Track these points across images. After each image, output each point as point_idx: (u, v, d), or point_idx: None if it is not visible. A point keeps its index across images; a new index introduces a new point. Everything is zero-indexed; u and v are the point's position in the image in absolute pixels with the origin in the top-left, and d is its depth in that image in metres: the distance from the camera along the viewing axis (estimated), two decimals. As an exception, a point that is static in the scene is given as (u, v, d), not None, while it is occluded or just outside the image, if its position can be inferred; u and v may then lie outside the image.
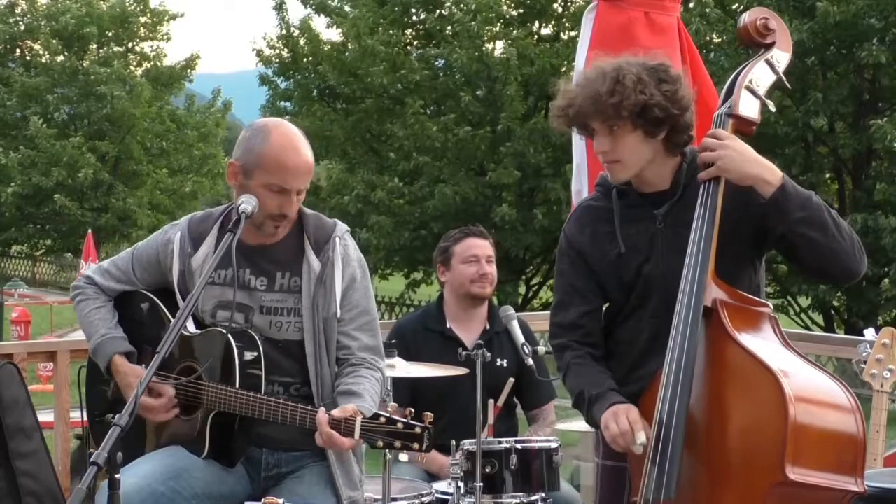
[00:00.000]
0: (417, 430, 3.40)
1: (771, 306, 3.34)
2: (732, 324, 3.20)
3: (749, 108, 3.39)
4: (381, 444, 3.45)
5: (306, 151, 3.83)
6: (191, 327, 3.83)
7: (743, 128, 3.39)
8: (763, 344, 3.20)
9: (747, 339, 3.18)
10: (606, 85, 3.36)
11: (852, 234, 3.30)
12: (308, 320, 3.78)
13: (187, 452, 3.77)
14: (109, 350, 3.89)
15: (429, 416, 3.43)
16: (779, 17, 3.50)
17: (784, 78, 3.46)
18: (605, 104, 3.36)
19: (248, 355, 3.72)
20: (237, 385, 3.67)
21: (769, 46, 3.46)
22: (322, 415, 3.49)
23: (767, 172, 3.25)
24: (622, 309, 3.57)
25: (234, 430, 3.75)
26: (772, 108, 3.43)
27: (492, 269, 5.24)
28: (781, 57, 3.47)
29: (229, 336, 3.70)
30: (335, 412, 3.47)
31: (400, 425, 3.41)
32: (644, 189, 3.51)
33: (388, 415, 3.43)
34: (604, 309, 3.64)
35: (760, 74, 3.43)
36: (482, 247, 5.24)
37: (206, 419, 3.73)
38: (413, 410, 3.47)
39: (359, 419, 3.44)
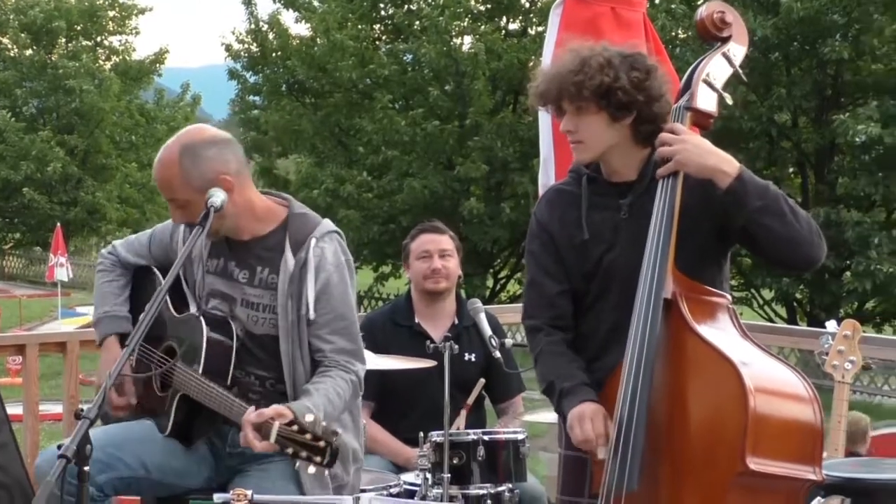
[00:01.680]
0: (322, 444, 3.31)
1: (730, 298, 3.35)
2: (692, 316, 3.20)
3: (706, 101, 3.39)
4: (290, 451, 3.35)
5: (161, 164, 3.76)
6: (192, 309, 3.87)
7: (701, 121, 3.40)
8: (722, 335, 3.21)
9: (707, 331, 3.18)
10: (573, 65, 3.39)
11: (810, 222, 3.28)
12: (283, 318, 3.76)
13: (151, 426, 3.81)
14: (107, 329, 3.99)
15: (339, 432, 3.36)
16: (735, 10, 3.51)
17: (740, 71, 3.47)
18: (568, 82, 3.39)
19: (219, 343, 3.72)
20: (200, 371, 3.68)
21: (726, 40, 3.47)
22: (247, 414, 3.43)
23: (725, 164, 3.25)
24: (584, 299, 3.55)
25: (200, 413, 3.75)
26: (729, 100, 3.42)
27: (447, 263, 5.16)
28: (738, 50, 3.47)
29: (202, 321, 3.72)
30: (252, 415, 3.40)
31: (308, 436, 3.31)
32: (613, 178, 3.51)
33: (305, 423, 3.33)
34: None
35: (717, 68, 3.43)
36: (435, 241, 5.19)
37: (174, 399, 3.75)
38: (332, 426, 3.38)
39: (276, 423, 3.34)
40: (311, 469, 3.32)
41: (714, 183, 3.26)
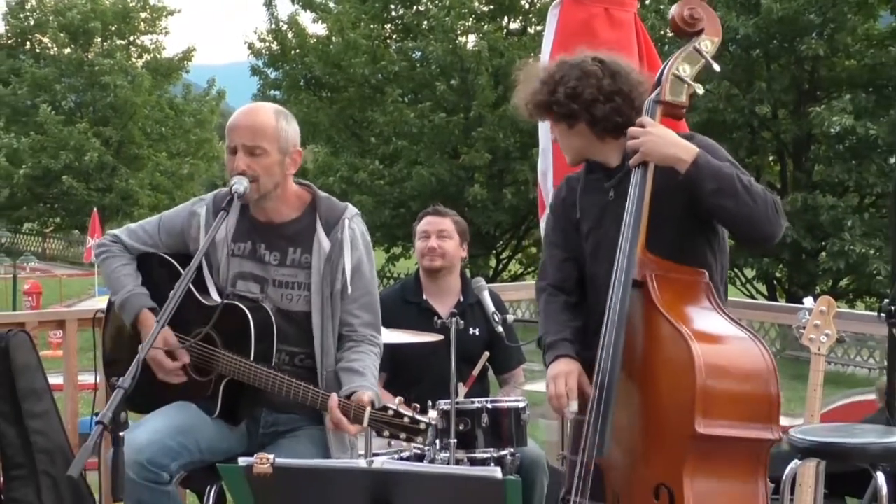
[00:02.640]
0: (422, 425, 3.42)
1: (706, 274, 3.35)
2: (660, 295, 3.23)
3: (675, 93, 3.41)
4: (386, 433, 3.47)
5: (254, 112, 3.79)
6: (214, 295, 3.81)
7: (672, 111, 3.42)
8: (688, 311, 3.24)
9: (672, 309, 3.21)
10: (534, 87, 3.57)
11: (766, 198, 3.28)
12: (316, 294, 3.76)
13: (197, 409, 3.75)
14: (137, 305, 3.84)
15: (433, 413, 3.50)
16: (706, 5, 3.50)
17: (712, 62, 3.46)
18: (531, 104, 3.58)
19: (261, 327, 3.69)
20: (251, 358, 3.66)
21: (698, 34, 3.47)
22: (333, 400, 3.50)
23: (682, 152, 3.28)
24: (584, 275, 3.61)
25: (241, 394, 3.74)
26: (700, 90, 3.43)
27: (443, 244, 5.13)
28: (709, 42, 3.48)
29: (246, 311, 3.67)
30: (341, 403, 3.49)
31: (406, 419, 3.43)
32: (605, 165, 3.57)
33: (395, 408, 3.44)
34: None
35: (688, 61, 3.45)
36: (433, 223, 5.18)
37: (220, 383, 3.72)
38: (419, 406, 3.48)
39: (368, 409, 3.46)
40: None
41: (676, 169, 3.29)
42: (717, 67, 3.47)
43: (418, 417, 3.43)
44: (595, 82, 3.46)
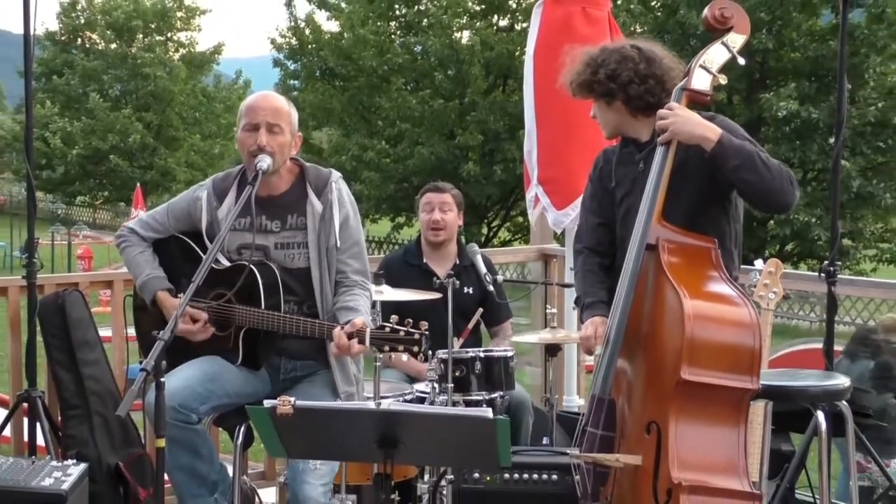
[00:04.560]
0: (416, 335, 3.40)
1: (716, 242, 3.30)
2: (668, 258, 3.20)
3: (701, 82, 3.36)
4: (387, 348, 3.45)
5: (272, 97, 3.82)
6: (223, 261, 3.80)
7: (697, 99, 3.37)
8: (689, 273, 3.20)
9: (676, 271, 3.18)
10: (579, 68, 3.53)
11: (781, 171, 3.28)
12: (314, 250, 3.76)
13: (222, 360, 3.77)
14: (154, 287, 3.87)
15: (424, 324, 3.41)
16: (737, 4, 3.45)
17: (738, 56, 3.41)
18: (576, 83, 3.54)
19: (268, 281, 3.70)
20: (262, 306, 3.67)
21: (727, 31, 3.43)
22: (339, 329, 3.50)
23: (709, 132, 3.26)
24: (615, 238, 3.59)
25: (259, 342, 3.75)
26: (723, 80, 3.38)
27: (445, 216, 5.07)
28: (737, 39, 3.42)
29: (252, 267, 3.68)
30: (346, 328, 3.48)
31: (402, 333, 3.41)
32: (637, 140, 3.54)
33: (391, 325, 3.43)
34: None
35: (715, 54, 3.40)
36: (437, 198, 5.11)
37: (239, 334, 3.73)
38: (412, 321, 3.47)
39: (368, 330, 3.46)
40: (405, 357, 3.44)
41: (701, 147, 3.27)
42: (742, 61, 3.42)
43: (412, 330, 3.41)
44: (632, 66, 3.44)
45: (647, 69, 3.45)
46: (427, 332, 3.40)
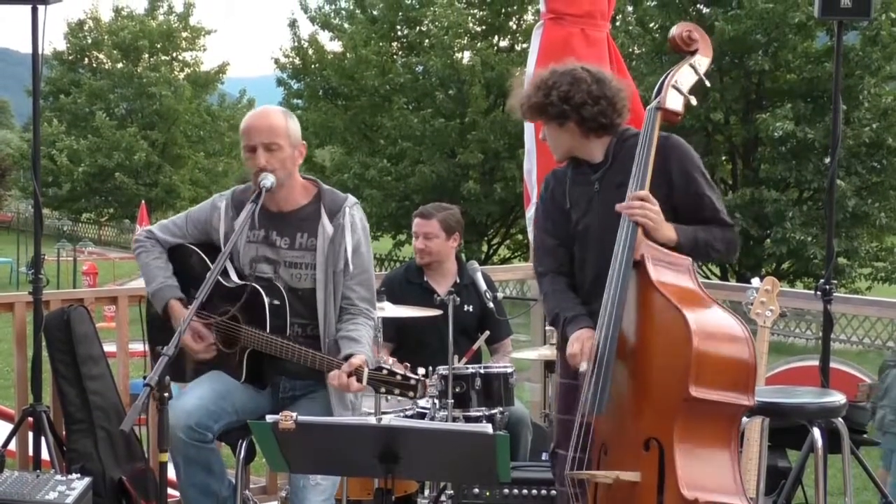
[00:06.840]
0: (412, 381, 3.40)
1: (690, 260, 3.32)
2: (655, 273, 3.20)
3: (674, 102, 3.38)
4: (382, 390, 3.48)
5: (266, 114, 3.79)
6: (234, 277, 3.80)
7: (669, 118, 3.38)
8: (679, 289, 3.20)
9: (666, 285, 3.18)
10: (530, 90, 3.51)
11: (727, 243, 3.43)
12: (321, 272, 3.75)
13: (227, 377, 3.76)
14: (167, 296, 3.84)
15: (421, 370, 3.45)
16: (701, 29, 3.48)
17: (705, 78, 3.44)
18: (526, 106, 3.52)
19: (275, 304, 3.69)
20: (268, 328, 3.66)
21: (693, 53, 3.44)
22: (337, 372, 3.50)
23: (672, 233, 3.30)
24: (573, 257, 3.57)
25: (264, 362, 3.74)
26: (693, 102, 3.41)
27: (428, 243, 5.05)
28: (703, 61, 3.45)
29: (259, 288, 3.67)
30: (345, 367, 3.48)
31: (398, 377, 3.42)
32: (589, 161, 3.53)
33: (389, 367, 3.44)
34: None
35: (684, 75, 3.41)
36: (420, 225, 5.10)
37: (244, 354, 3.73)
38: (409, 365, 3.47)
39: (366, 370, 3.45)
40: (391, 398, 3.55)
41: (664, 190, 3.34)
42: (707, 83, 3.46)
43: (409, 374, 3.41)
44: (585, 87, 3.43)
45: (599, 90, 3.44)
46: (424, 378, 3.41)
